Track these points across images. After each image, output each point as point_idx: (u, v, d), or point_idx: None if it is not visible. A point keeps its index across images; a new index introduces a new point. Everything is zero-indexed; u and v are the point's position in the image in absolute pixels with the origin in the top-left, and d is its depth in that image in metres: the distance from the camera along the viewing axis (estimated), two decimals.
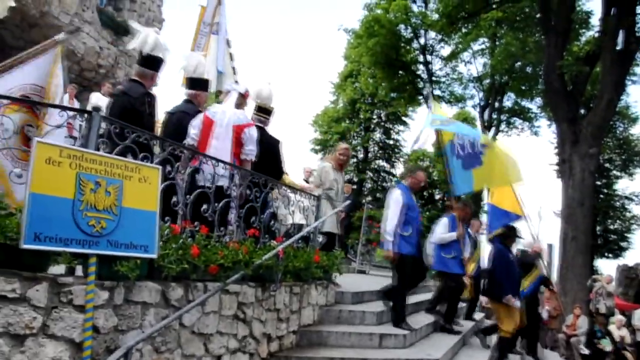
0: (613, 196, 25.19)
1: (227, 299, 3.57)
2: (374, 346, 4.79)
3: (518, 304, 6.15)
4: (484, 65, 24.38)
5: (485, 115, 25.15)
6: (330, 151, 7.49)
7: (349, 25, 29.78)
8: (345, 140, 25.05)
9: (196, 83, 4.70)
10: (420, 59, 23.41)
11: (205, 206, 3.62)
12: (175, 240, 3.11)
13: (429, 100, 8.35)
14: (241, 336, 3.73)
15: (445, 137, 6.73)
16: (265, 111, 5.11)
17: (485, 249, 7.61)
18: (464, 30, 21.56)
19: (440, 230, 6.42)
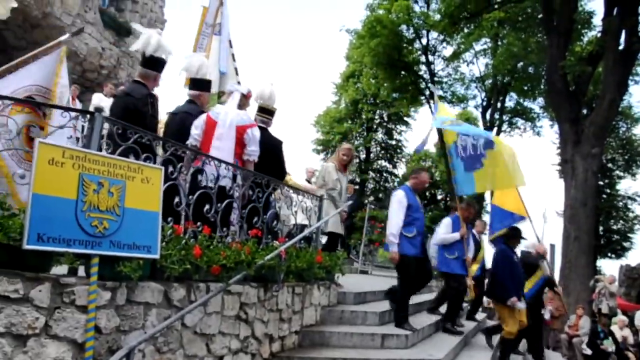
0: (616, 196, 25.18)
1: (230, 300, 3.57)
2: (376, 346, 4.79)
3: (522, 305, 6.12)
4: (486, 65, 24.42)
5: (487, 116, 25.17)
6: (334, 152, 7.47)
7: (351, 26, 29.88)
8: (347, 140, 25.08)
9: (199, 84, 4.71)
10: (423, 59, 23.36)
11: (207, 207, 3.61)
12: (178, 240, 3.11)
13: (435, 100, 8.29)
14: (243, 336, 3.73)
15: (450, 138, 6.71)
16: (268, 112, 5.10)
17: (488, 249, 7.59)
18: (466, 30, 21.55)
19: (442, 231, 6.40)
